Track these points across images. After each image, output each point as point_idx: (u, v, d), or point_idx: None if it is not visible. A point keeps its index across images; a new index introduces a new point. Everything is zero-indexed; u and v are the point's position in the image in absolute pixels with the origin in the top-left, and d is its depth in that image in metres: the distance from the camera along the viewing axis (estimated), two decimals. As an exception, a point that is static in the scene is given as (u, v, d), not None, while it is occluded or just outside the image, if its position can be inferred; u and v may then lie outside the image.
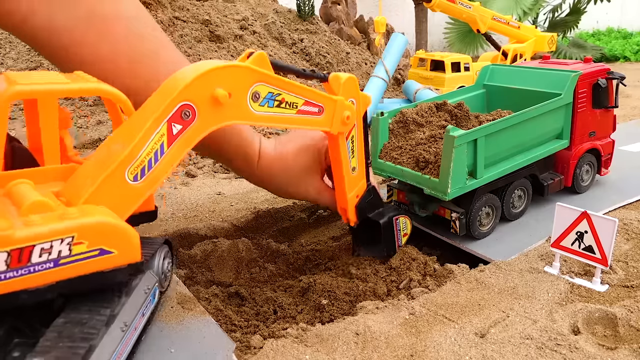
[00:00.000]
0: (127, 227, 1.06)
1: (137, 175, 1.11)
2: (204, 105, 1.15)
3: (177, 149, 1.15)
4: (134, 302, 1.16)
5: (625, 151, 2.74)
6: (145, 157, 1.11)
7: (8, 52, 3.43)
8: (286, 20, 4.90)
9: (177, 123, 1.13)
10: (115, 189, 1.08)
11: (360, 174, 1.61)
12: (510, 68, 2.31)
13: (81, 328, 1.00)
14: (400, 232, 1.74)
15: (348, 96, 1.46)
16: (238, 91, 1.19)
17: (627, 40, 9.05)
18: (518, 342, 1.26)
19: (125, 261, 1.05)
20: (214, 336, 1.28)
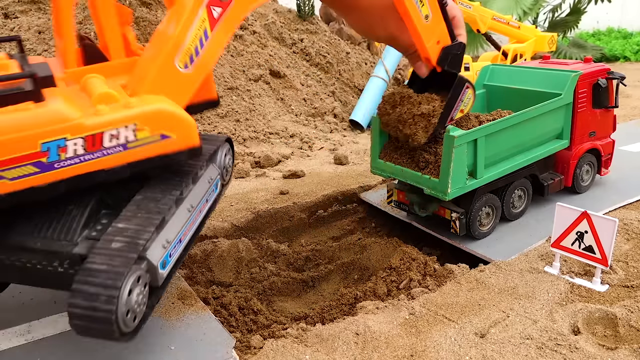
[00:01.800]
0: (184, 113, 1.15)
1: (187, 63, 1.17)
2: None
3: (221, 32, 1.18)
4: (199, 189, 1.31)
5: (625, 151, 2.74)
6: (191, 44, 1.16)
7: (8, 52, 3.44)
8: (286, 20, 4.90)
9: (216, 6, 1.17)
10: (169, 78, 1.17)
11: (436, 21, 1.53)
12: (510, 68, 2.31)
13: (156, 204, 1.17)
14: (460, 104, 1.65)
15: None
16: None
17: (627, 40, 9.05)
18: (518, 342, 1.26)
19: (184, 145, 1.16)
20: (214, 332, 1.29)
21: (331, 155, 3.09)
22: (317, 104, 4.06)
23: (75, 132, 1.03)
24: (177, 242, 1.20)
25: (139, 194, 1.19)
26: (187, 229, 1.25)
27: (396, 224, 2.21)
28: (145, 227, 1.11)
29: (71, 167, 1.05)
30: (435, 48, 1.57)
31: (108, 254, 1.04)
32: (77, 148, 1.04)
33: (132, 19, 1.49)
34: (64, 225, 1.12)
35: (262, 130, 3.44)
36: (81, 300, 0.99)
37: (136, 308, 1.05)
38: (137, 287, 1.05)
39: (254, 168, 2.88)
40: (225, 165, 1.51)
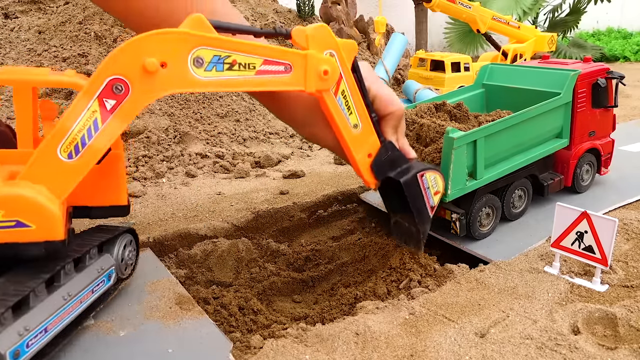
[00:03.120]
0: (52, 203, 1.08)
1: (72, 152, 1.10)
2: (134, 77, 1.09)
3: (114, 124, 1.11)
4: (83, 278, 1.24)
5: (625, 151, 2.74)
6: (77, 133, 1.09)
7: (8, 52, 3.44)
8: (286, 20, 4.90)
9: (109, 98, 1.09)
10: (48, 166, 1.09)
11: (366, 131, 1.41)
12: (509, 67, 2.31)
13: (16, 286, 1.09)
14: (430, 190, 1.49)
15: (322, 48, 1.27)
16: (173, 59, 1.11)
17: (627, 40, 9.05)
18: (518, 342, 1.26)
19: (42, 237, 1.08)
20: (211, 336, 1.29)
21: (331, 155, 3.09)
22: (317, 104, 4.06)
23: None
24: (42, 331, 1.10)
25: (3, 277, 1.12)
26: (58, 319, 1.16)
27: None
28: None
29: None
30: (366, 161, 1.44)
31: None
32: None
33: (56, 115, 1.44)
34: None
35: (262, 130, 3.44)
36: None
37: None
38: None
39: (254, 168, 2.88)
40: (124, 258, 1.44)
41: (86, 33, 3.52)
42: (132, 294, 1.47)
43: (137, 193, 2.40)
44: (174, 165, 2.78)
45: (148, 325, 1.33)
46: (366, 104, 1.40)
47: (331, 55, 1.29)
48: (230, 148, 3.14)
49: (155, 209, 2.25)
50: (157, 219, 2.13)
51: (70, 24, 3.61)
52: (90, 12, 3.66)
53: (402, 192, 1.46)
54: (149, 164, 2.74)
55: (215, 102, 3.48)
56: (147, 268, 1.64)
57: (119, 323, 1.33)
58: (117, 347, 1.24)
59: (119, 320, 1.34)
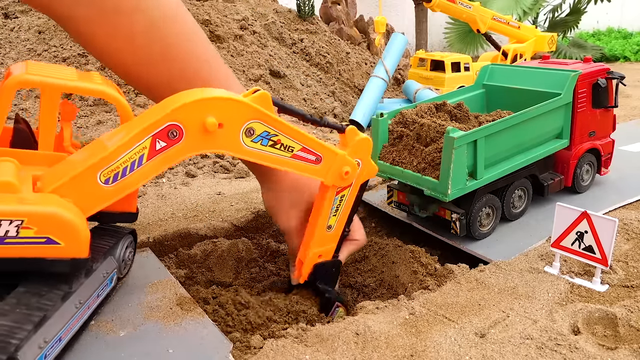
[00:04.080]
0: (81, 223, 1.10)
1: (110, 179, 1.14)
2: (192, 129, 1.16)
3: (156, 164, 1.17)
4: (91, 283, 1.26)
5: (625, 151, 2.74)
6: (122, 164, 1.14)
7: (8, 52, 3.43)
8: (286, 20, 4.90)
9: (162, 140, 1.15)
10: (84, 186, 1.13)
11: (333, 236, 1.54)
12: (509, 68, 2.31)
13: (38, 299, 1.10)
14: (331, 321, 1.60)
15: (356, 155, 1.44)
16: (230, 123, 1.19)
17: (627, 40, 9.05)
18: (518, 342, 1.26)
19: (70, 254, 1.10)
20: (211, 337, 1.29)
21: (331, 156, 3.09)
22: (317, 104, 4.06)
23: None
24: (57, 341, 1.12)
25: (22, 286, 1.12)
26: (70, 327, 1.17)
27: (396, 224, 2.21)
28: (22, 324, 1.03)
29: None
30: (314, 259, 1.54)
31: None
32: None
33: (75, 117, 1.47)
34: None
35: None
36: None
37: None
38: None
39: (254, 168, 2.88)
40: (125, 259, 1.47)
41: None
42: (132, 294, 1.47)
43: (137, 193, 2.40)
44: (174, 165, 2.78)
45: (148, 325, 1.33)
46: (349, 218, 1.54)
47: (357, 164, 1.45)
48: (230, 148, 3.13)
49: (155, 209, 2.25)
50: (157, 219, 2.13)
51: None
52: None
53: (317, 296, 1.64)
54: (149, 164, 2.73)
55: (215, 102, 3.48)
56: (148, 269, 1.64)
57: (119, 323, 1.33)
58: (117, 347, 1.24)
59: (119, 321, 1.34)
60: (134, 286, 1.52)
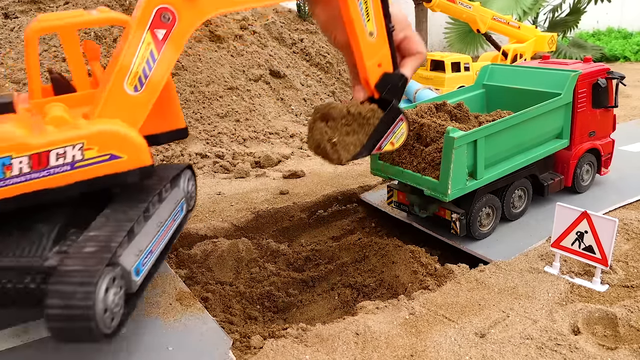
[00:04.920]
0: (134, 134, 1.19)
1: (137, 85, 1.19)
2: (180, 3, 1.16)
3: (167, 53, 1.19)
4: (166, 208, 1.38)
5: (625, 151, 2.74)
6: (138, 67, 1.18)
7: (8, 52, 3.43)
8: (286, 20, 4.90)
9: (159, 28, 1.17)
10: (120, 102, 1.19)
11: (380, 41, 1.45)
12: (509, 68, 2.31)
13: (124, 214, 1.22)
14: (391, 136, 1.55)
15: None
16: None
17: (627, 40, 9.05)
18: (518, 342, 1.26)
19: (135, 165, 1.20)
20: (211, 333, 1.29)
21: (331, 155, 3.08)
22: (317, 104, 4.06)
23: (20, 151, 1.06)
24: (149, 252, 1.24)
25: (107, 209, 1.24)
26: (158, 242, 1.30)
27: (396, 224, 2.20)
28: (116, 232, 1.14)
29: (16, 185, 1.07)
30: (375, 70, 1.48)
31: (81, 257, 1.06)
32: (23, 166, 1.07)
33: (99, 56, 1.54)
34: (33, 243, 1.13)
35: (262, 130, 3.44)
36: (58, 299, 0.99)
37: (113, 308, 1.06)
38: (112, 287, 1.07)
39: (254, 168, 2.88)
40: (189, 191, 1.56)
41: (86, 33, 3.52)
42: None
43: (137, 193, 2.39)
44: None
45: (148, 321, 1.33)
46: (385, 14, 1.44)
47: None
48: (230, 148, 3.14)
49: (155, 209, 2.24)
50: (157, 219, 2.13)
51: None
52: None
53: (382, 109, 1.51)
54: (149, 164, 2.73)
55: (215, 102, 3.48)
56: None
57: (119, 323, 1.33)
58: (117, 342, 1.24)
59: (119, 320, 1.34)
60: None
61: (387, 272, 1.82)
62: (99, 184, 1.15)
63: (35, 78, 1.29)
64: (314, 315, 1.73)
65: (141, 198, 1.28)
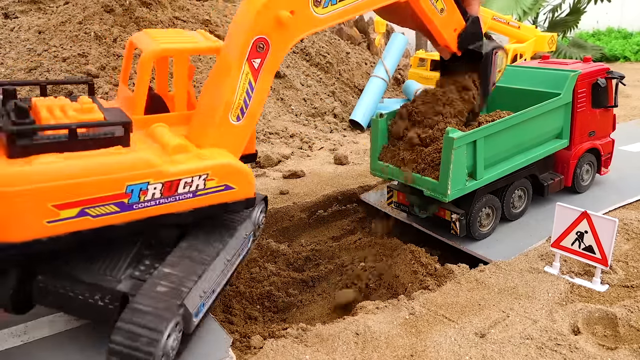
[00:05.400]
0: (247, 168, 1.27)
1: (239, 115, 1.29)
2: (273, 32, 1.26)
3: (263, 81, 1.29)
4: (235, 243, 1.40)
5: (625, 151, 2.74)
6: (240, 98, 1.27)
7: (8, 52, 3.43)
8: (286, 21, 4.90)
9: (255, 58, 1.27)
10: (226, 133, 1.28)
11: (450, 11, 1.62)
12: (509, 68, 2.30)
13: (199, 253, 1.25)
14: (496, 68, 1.75)
15: None
16: (299, 5, 1.29)
17: (627, 40, 9.05)
18: (518, 342, 1.26)
19: (243, 196, 1.27)
20: (212, 332, 1.29)
21: (331, 155, 3.09)
22: (317, 104, 4.05)
23: (158, 178, 1.13)
24: (211, 292, 1.27)
25: (184, 241, 1.27)
26: (220, 281, 1.32)
27: (396, 225, 2.20)
28: (189, 275, 1.18)
29: (146, 209, 1.14)
30: (452, 36, 1.66)
31: (154, 297, 1.09)
32: (156, 192, 1.14)
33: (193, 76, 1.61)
34: (111, 262, 1.18)
35: (262, 130, 3.43)
36: (124, 338, 1.04)
37: (170, 352, 1.09)
38: (174, 332, 1.10)
39: (254, 168, 2.88)
40: (259, 223, 1.59)
41: (86, 33, 3.52)
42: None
43: (137, 193, 2.39)
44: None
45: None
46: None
47: None
48: (230, 148, 3.13)
49: (155, 209, 2.24)
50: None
51: (70, 24, 3.61)
52: (90, 12, 3.66)
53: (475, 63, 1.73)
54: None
55: (215, 102, 3.48)
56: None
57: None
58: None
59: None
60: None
61: (387, 272, 1.82)
62: (210, 211, 1.23)
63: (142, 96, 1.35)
64: (314, 315, 1.73)
65: (217, 233, 1.33)
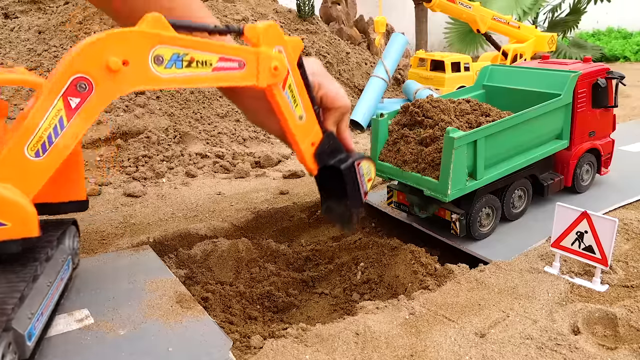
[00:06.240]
0: (23, 201, 1.09)
1: (39, 150, 1.11)
2: (99, 75, 1.11)
3: (79, 122, 1.13)
4: (53, 267, 1.34)
5: (625, 151, 2.74)
6: (44, 132, 1.10)
7: (8, 52, 3.43)
8: (286, 20, 4.89)
9: (73, 96, 1.11)
10: (16, 165, 1.11)
11: (310, 121, 1.48)
12: (509, 68, 2.31)
13: (16, 275, 1.16)
14: (365, 177, 1.59)
15: (272, 45, 1.33)
16: (135, 57, 1.14)
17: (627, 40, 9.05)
18: (518, 342, 1.26)
19: (19, 234, 1.10)
20: (211, 334, 1.29)
21: (331, 156, 3.09)
22: (317, 104, 4.06)
23: None
24: (40, 315, 1.20)
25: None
26: (47, 304, 1.27)
27: (396, 225, 2.21)
28: (9, 294, 1.08)
29: None
30: (310, 149, 1.51)
31: None
32: None
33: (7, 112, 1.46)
34: None
35: (262, 130, 3.44)
36: None
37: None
38: (8, 354, 1.03)
39: (254, 168, 2.88)
40: (74, 248, 1.53)
41: (86, 33, 3.52)
42: (132, 292, 1.48)
43: (137, 193, 2.40)
44: (174, 165, 2.78)
45: (148, 324, 1.33)
46: (310, 97, 1.47)
47: (279, 52, 1.35)
48: (230, 148, 3.14)
49: (155, 209, 2.25)
50: (157, 219, 2.13)
51: (70, 24, 3.61)
52: (90, 12, 3.66)
53: (339, 179, 1.55)
54: (149, 164, 2.74)
55: (215, 102, 3.48)
56: (148, 267, 1.64)
57: (119, 322, 1.33)
58: (117, 346, 1.24)
59: (119, 320, 1.34)
60: (134, 285, 1.52)
61: (387, 272, 1.83)
62: None
63: None
64: (314, 315, 1.73)
65: (30, 258, 1.23)
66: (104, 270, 1.62)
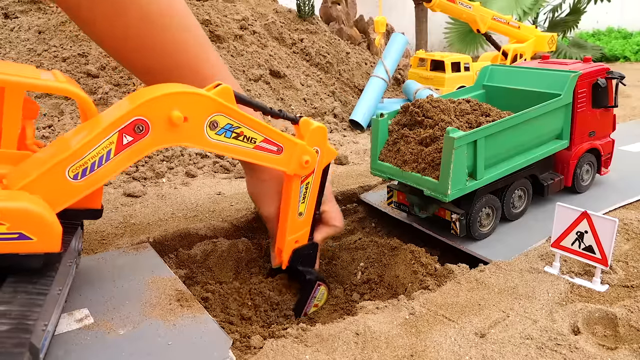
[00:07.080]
0: (52, 218, 1.12)
1: (78, 174, 1.16)
2: (158, 123, 1.20)
3: (123, 158, 1.20)
4: (63, 272, 1.32)
5: (625, 151, 2.74)
6: (90, 159, 1.16)
7: (8, 52, 3.43)
8: (286, 20, 4.89)
9: (128, 134, 1.19)
10: (53, 182, 1.15)
11: (305, 221, 1.63)
12: (509, 68, 2.31)
13: (34, 285, 1.14)
14: (314, 300, 1.72)
15: (313, 144, 1.50)
16: (195, 117, 1.24)
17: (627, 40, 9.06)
18: (518, 342, 1.26)
19: (43, 249, 1.12)
20: (211, 333, 1.29)
21: (331, 155, 3.08)
22: (317, 104, 4.05)
23: None
24: (50, 325, 1.16)
25: (12, 277, 1.15)
26: (58, 312, 1.24)
27: (396, 225, 2.21)
28: (29, 308, 1.07)
29: None
30: (291, 245, 1.63)
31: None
32: None
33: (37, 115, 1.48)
34: None
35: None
36: None
37: None
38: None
39: (254, 168, 2.88)
40: (79, 250, 1.53)
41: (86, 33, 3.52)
42: (131, 291, 1.47)
43: (137, 193, 2.40)
44: (174, 165, 2.78)
45: (148, 322, 1.33)
46: (317, 202, 1.62)
47: (316, 152, 1.51)
48: (230, 148, 3.13)
49: (155, 209, 2.25)
50: (157, 219, 2.13)
51: (70, 24, 3.61)
52: None
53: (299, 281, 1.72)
54: (149, 164, 2.74)
55: (216, 102, 3.47)
56: (147, 265, 1.64)
57: (118, 321, 1.33)
58: (116, 345, 1.24)
59: (118, 319, 1.34)
60: (133, 283, 1.52)
61: (387, 272, 1.83)
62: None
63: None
64: (313, 315, 1.73)
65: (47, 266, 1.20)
66: (104, 269, 1.62)
